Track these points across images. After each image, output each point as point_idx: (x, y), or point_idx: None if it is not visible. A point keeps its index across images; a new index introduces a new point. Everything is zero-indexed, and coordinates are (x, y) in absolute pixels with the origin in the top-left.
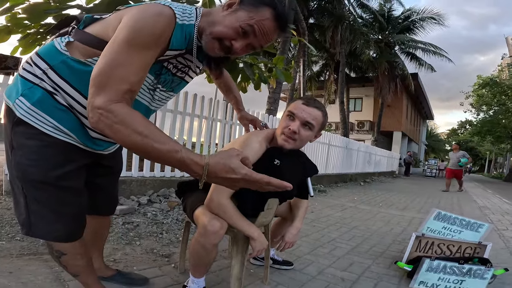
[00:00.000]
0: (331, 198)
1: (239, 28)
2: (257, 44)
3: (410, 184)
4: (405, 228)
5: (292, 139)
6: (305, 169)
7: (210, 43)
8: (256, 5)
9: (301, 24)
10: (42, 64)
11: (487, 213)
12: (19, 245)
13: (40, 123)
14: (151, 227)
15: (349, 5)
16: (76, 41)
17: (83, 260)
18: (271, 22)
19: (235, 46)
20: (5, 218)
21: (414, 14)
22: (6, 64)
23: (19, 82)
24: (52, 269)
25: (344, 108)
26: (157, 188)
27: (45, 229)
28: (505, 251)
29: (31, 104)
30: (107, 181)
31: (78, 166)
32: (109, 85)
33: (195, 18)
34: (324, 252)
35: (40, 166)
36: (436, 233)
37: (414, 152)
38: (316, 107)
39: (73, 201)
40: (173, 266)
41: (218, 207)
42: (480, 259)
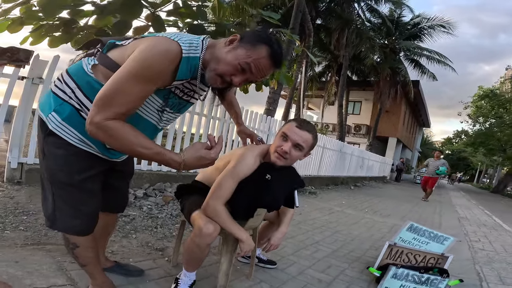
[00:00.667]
0: (321, 200)
1: (238, 66)
2: (253, 79)
3: (399, 190)
4: (384, 235)
5: (283, 157)
6: (293, 182)
7: (213, 78)
8: (254, 43)
9: (307, 25)
10: (71, 83)
11: (464, 224)
12: (23, 235)
13: (68, 135)
14: (146, 221)
15: (359, 9)
16: (100, 65)
17: (93, 253)
18: (266, 60)
19: (234, 80)
20: (8, 207)
21: (424, 20)
22: (17, 56)
23: (52, 98)
24: (54, 259)
25: (342, 112)
26: (153, 181)
27: (66, 223)
28: (469, 262)
29: (62, 119)
30: (120, 182)
31: (97, 172)
32: (109, 108)
33: (200, 50)
34: (307, 254)
35: (66, 171)
36: (407, 243)
37: (407, 159)
38: (307, 130)
39: (90, 201)
40: (166, 260)
41: (213, 212)
42: (439, 269)
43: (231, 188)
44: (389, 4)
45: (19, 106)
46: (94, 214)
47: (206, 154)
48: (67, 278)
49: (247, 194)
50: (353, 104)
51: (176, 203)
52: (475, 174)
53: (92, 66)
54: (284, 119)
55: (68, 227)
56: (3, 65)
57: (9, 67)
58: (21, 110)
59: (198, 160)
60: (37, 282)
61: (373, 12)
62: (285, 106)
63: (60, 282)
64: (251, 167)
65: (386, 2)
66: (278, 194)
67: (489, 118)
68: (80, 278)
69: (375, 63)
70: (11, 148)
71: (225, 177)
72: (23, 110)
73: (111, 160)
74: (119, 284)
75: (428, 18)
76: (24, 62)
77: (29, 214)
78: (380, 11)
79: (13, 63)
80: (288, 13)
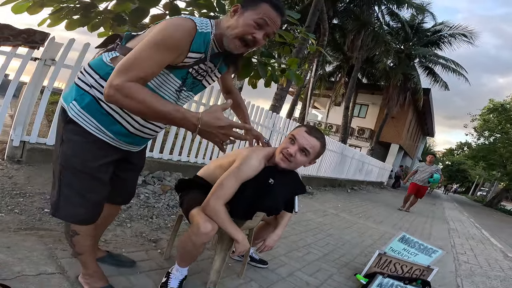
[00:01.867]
0: (317, 202)
1: (254, 23)
2: (271, 31)
3: (394, 197)
4: (375, 241)
5: (288, 160)
6: (295, 188)
7: (233, 42)
8: (256, 3)
9: (323, 24)
10: (94, 75)
11: (453, 236)
12: (18, 218)
13: (86, 123)
14: (143, 210)
15: (379, 12)
16: (120, 55)
17: (91, 241)
18: (273, 11)
19: (257, 37)
20: (5, 187)
21: (445, 28)
22: (33, 38)
23: (74, 89)
24: (46, 245)
25: (348, 114)
26: (153, 169)
27: (69, 211)
28: (452, 275)
29: (81, 107)
30: (131, 175)
31: (111, 161)
32: (129, 71)
33: (211, 28)
34: (298, 255)
35: (81, 158)
36: (396, 253)
37: (406, 166)
38: (316, 137)
39: (99, 190)
40: (159, 252)
41: (213, 211)
42: (423, 281)
43: (233, 189)
44: (411, 10)
45: (29, 84)
46: (100, 204)
47: (223, 117)
48: (57, 266)
49: (248, 197)
50: (360, 107)
51: (174, 193)
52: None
53: (112, 58)
54: (289, 116)
55: (71, 215)
56: (18, 46)
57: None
58: (29, 89)
59: (215, 119)
60: (27, 269)
61: (393, 16)
62: (291, 103)
63: (49, 270)
64: (256, 169)
65: (408, 7)
66: (280, 199)
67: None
68: (70, 267)
69: (388, 68)
70: (15, 125)
71: (228, 177)
72: (32, 89)
73: (126, 150)
74: (109, 274)
75: (450, 26)
76: (39, 44)
77: (25, 196)
78: (401, 16)
79: (27, 44)
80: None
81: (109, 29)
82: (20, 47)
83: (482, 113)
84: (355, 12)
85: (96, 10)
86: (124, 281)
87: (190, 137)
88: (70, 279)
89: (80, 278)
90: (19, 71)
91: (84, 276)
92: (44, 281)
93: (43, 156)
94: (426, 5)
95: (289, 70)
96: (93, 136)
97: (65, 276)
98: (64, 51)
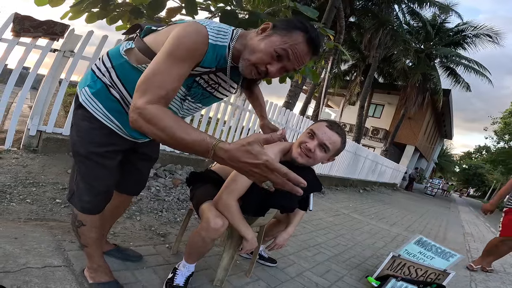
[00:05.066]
0: (328, 201)
1: (274, 53)
2: (291, 67)
3: (407, 199)
4: (386, 244)
5: (306, 155)
6: (311, 185)
7: (247, 69)
8: (288, 30)
9: (340, 21)
10: (108, 63)
11: (468, 240)
12: (28, 208)
13: (94, 109)
14: (153, 203)
15: (399, 11)
16: (136, 48)
17: (96, 233)
18: (304, 45)
19: (270, 70)
20: (19, 176)
21: (469, 28)
22: (53, 30)
23: (89, 75)
24: (55, 237)
25: (363, 113)
26: (165, 162)
27: (77, 198)
28: (466, 279)
29: (91, 93)
30: (143, 165)
31: (116, 150)
32: (150, 90)
33: (229, 39)
34: (308, 255)
35: (85, 143)
36: (411, 256)
37: (421, 168)
38: (337, 132)
39: (104, 178)
40: (167, 246)
41: (224, 206)
42: (438, 285)
43: (246, 184)
44: (434, 9)
45: (47, 75)
46: (105, 193)
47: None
48: (63, 259)
49: (262, 193)
50: (375, 106)
51: (184, 187)
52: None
53: (127, 50)
54: (302, 114)
55: (78, 202)
56: (38, 37)
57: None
58: (48, 79)
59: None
60: (32, 261)
61: (413, 15)
62: (304, 101)
63: (56, 263)
64: None
65: (431, 6)
66: (294, 196)
67: None
68: (77, 260)
69: (406, 67)
70: (33, 115)
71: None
72: (50, 80)
73: (132, 140)
74: (115, 268)
75: (475, 26)
76: (59, 35)
77: (38, 186)
78: (422, 15)
79: (47, 35)
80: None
81: (127, 22)
82: (40, 39)
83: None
84: (373, 10)
85: (115, 3)
86: (130, 276)
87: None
88: (75, 273)
89: (85, 272)
90: (38, 62)
91: (89, 269)
92: (48, 274)
93: (59, 146)
94: (453, 5)
95: (305, 66)
96: (99, 122)
97: (71, 269)
98: (83, 43)
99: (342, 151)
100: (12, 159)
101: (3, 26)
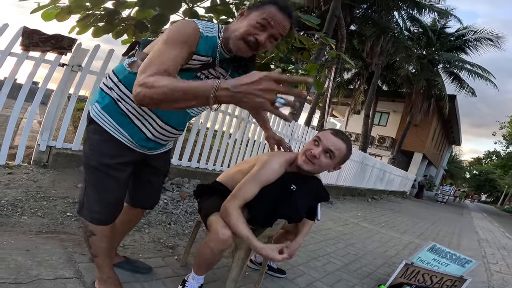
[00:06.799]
0: (336, 211)
1: (256, 24)
2: (277, 33)
3: (418, 207)
4: (398, 252)
5: (311, 162)
6: (318, 195)
7: (237, 44)
8: (261, 6)
9: (341, 30)
10: (114, 78)
11: (484, 246)
12: (40, 221)
13: (104, 123)
14: (161, 216)
15: (399, 17)
16: (138, 60)
17: (107, 244)
18: (279, 13)
19: (259, 39)
20: (30, 191)
21: (470, 33)
22: (61, 44)
23: (98, 92)
24: (66, 249)
25: (368, 122)
26: (172, 176)
27: (88, 209)
28: (483, 285)
29: (101, 108)
30: (154, 178)
31: (126, 161)
32: (152, 66)
33: (217, 32)
34: (317, 265)
35: (97, 155)
36: (425, 263)
37: (430, 176)
38: (342, 139)
39: (114, 190)
40: (176, 258)
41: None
42: None
43: (252, 192)
44: (433, 14)
45: (56, 90)
46: (115, 205)
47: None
48: (75, 271)
49: (269, 203)
50: (380, 115)
51: (192, 200)
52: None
53: (130, 63)
54: (307, 124)
55: (88, 213)
56: (46, 51)
57: (52, 54)
58: (57, 94)
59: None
60: (44, 273)
61: (413, 21)
62: (309, 111)
63: (67, 274)
64: (276, 172)
65: (430, 11)
66: (302, 206)
67: None
68: (87, 272)
69: (410, 74)
70: (42, 131)
71: (248, 180)
72: (59, 95)
73: (143, 152)
74: (125, 280)
75: (475, 30)
76: (67, 49)
77: (49, 200)
78: (422, 21)
79: (56, 50)
80: (322, 17)
81: (132, 36)
82: (48, 53)
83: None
84: (373, 18)
85: (120, 17)
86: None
87: (209, 144)
88: (86, 285)
89: (95, 284)
90: (47, 77)
91: (100, 281)
92: (60, 286)
93: (68, 161)
94: (451, 10)
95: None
96: (109, 135)
97: (82, 281)
98: (90, 57)
99: (348, 158)
100: (23, 174)
101: (12, 40)
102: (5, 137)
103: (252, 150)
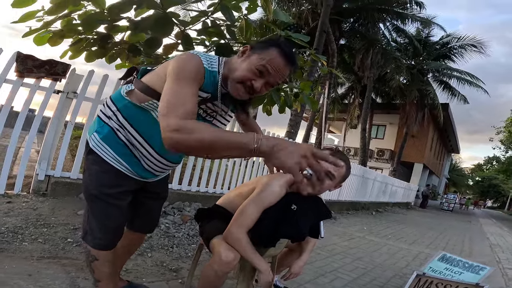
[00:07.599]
0: (341, 226)
1: (255, 70)
2: (273, 81)
3: (423, 217)
4: (409, 263)
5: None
6: (319, 213)
7: (234, 87)
8: (264, 48)
9: (331, 45)
10: (112, 107)
11: (497, 251)
12: (41, 247)
13: (103, 153)
14: (163, 239)
15: (384, 29)
16: (136, 89)
17: (109, 268)
18: (280, 59)
19: (255, 85)
20: (30, 219)
21: (454, 40)
22: (55, 70)
23: (96, 121)
24: (68, 274)
25: (366, 136)
26: (172, 200)
27: (91, 236)
28: None
29: (100, 138)
30: (153, 203)
31: (125, 190)
32: (175, 108)
33: (217, 66)
34: (325, 281)
35: (97, 185)
36: (437, 273)
37: (433, 185)
38: (340, 159)
39: (115, 217)
40: (179, 282)
41: (235, 240)
42: None
43: (255, 216)
44: (416, 24)
45: (53, 118)
46: (116, 230)
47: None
48: None
49: (271, 224)
50: (377, 127)
51: (194, 223)
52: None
53: (128, 92)
54: (305, 142)
55: (91, 239)
56: (41, 77)
57: (46, 80)
58: (53, 122)
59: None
60: None
61: (399, 32)
62: (306, 128)
63: None
64: (277, 195)
65: (413, 21)
66: (304, 225)
67: None
68: None
69: (402, 85)
70: (40, 160)
71: (250, 204)
72: (56, 123)
73: (142, 180)
74: None
75: (458, 37)
76: (61, 75)
77: (49, 227)
78: (407, 31)
79: (50, 76)
80: (311, 33)
81: (125, 60)
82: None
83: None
84: (360, 31)
85: (113, 41)
86: None
87: (207, 168)
88: None
89: None
90: (43, 104)
91: None
92: None
93: (67, 189)
94: (432, 18)
95: (302, 94)
96: (109, 165)
97: None
98: (85, 83)
99: (348, 177)
100: (22, 203)
101: (7, 66)
102: (3, 167)
103: (251, 171)
